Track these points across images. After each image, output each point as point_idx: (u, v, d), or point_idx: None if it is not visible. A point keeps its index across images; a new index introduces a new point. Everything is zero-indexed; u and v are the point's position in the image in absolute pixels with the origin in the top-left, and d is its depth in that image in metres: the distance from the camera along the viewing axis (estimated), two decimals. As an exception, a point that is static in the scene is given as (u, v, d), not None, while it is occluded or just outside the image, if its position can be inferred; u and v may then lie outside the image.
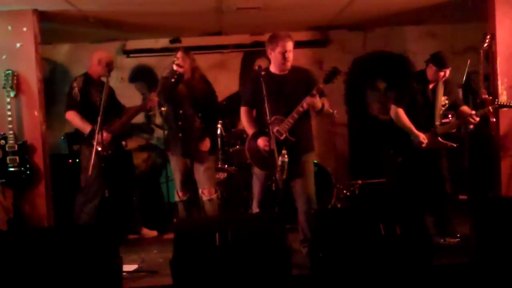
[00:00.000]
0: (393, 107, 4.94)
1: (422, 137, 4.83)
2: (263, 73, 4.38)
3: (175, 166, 5.09)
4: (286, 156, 4.34)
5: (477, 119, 4.82)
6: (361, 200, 6.28)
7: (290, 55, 4.45)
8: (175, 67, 4.81)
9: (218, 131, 6.08)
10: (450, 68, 4.80)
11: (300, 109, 4.35)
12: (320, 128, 7.19)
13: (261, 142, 4.44)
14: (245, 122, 4.65)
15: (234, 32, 7.04)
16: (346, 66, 7.33)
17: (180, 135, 4.96)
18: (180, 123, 4.97)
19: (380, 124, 6.63)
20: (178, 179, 5.10)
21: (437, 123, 4.88)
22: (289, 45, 4.44)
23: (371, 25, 7.12)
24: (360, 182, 6.33)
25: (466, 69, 5.60)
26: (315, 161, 6.07)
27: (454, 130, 5.03)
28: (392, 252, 3.53)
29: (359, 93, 7.40)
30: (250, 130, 4.60)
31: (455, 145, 4.92)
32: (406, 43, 7.22)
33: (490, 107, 4.90)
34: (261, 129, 4.51)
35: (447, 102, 4.90)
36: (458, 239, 4.78)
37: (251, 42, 7.18)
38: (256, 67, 4.46)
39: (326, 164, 6.16)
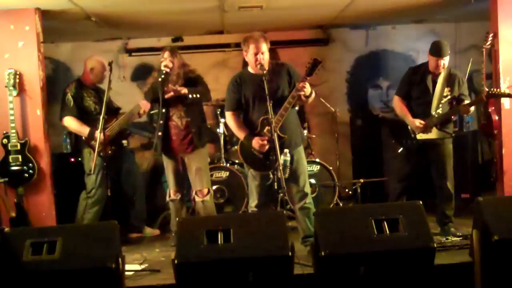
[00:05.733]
0: (394, 96, 5.19)
1: (418, 121, 4.92)
2: (264, 72, 4.37)
3: (167, 165, 5.06)
4: (288, 154, 4.35)
5: (471, 108, 4.85)
6: (363, 199, 6.27)
7: (265, 56, 4.43)
8: (162, 67, 4.81)
9: (221, 130, 6.09)
10: (447, 57, 4.88)
11: (295, 94, 4.32)
12: (322, 127, 7.22)
13: (256, 143, 4.43)
14: (233, 126, 4.61)
15: (236, 31, 7.04)
16: (348, 64, 7.34)
17: (163, 134, 4.92)
18: (161, 121, 4.91)
19: (382, 122, 6.63)
20: (170, 178, 5.06)
21: (434, 112, 4.93)
22: (263, 46, 4.42)
23: (374, 23, 7.12)
24: (362, 180, 6.32)
25: (469, 68, 5.60)
26: (317, 160, 6.12)
27: (452, 118, 5.06)
28: (394, 251, 3.53)
29: (361, 92, 7.39)
30: (241, 134, 4.56)
31: (453, 134, 5.03)
32: (408, 42, 7.22)
33: (483, 96, 4.90)
34: (252, 131, 4.51)
35: (449, 93, 4.95)
36: (460, 238, 4.78)
37: (253, 40, 7.17)
38: (258, 66, 4.45)
39: (328, 163, 6.16)
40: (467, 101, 4.89)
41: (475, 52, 6.29)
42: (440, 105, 4.93)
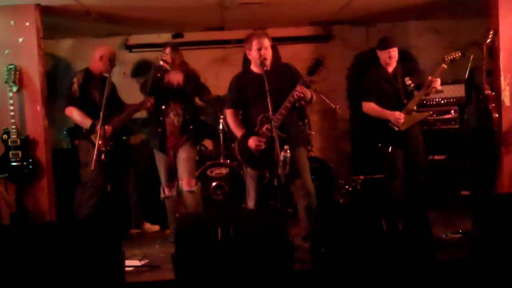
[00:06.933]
0: (363, 104, 5.14)
1: (398, 114, 4.95)
2: (265, 68, 4.37)
3: (159, 161, 5.09)
4: (288, 151, 4.35)
5: (438, 80, 4.87)
6: (363, 195, 6.27)
7: (267, 52, 4.45)
8: (161, 63, 4.85)
9: (220, 126, 6.09)
10: (395, 48, 5.02)
11: (291, 99, 4.34)
12: (322, 123, 7.22)
13: (252, 142, 4.44)
14: (232, 124, 4.63)
15: (236, 27, 7.02)
16: (348, 61, 7.32)
17: (159, 130, 4.96)
18: (161, 118, 4.96)
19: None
20: (162, 175, 5.10)
21: (405, 101, 4.98)
22: (265, 42, 4.46)
23: (374, 20, 7.10)
24: (362, 177, 6.32)
25: (469, 65, 5.60)
26: (317, 156, 6.12)
27: (425, 96, 5.11)
28: (394, 248, 3.53)
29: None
30: (238, 132, 4.58)
31: (431, 112, 5.31)
32: (409, 39, 7.20)
33: (444, 65, 4.92)
34: (250, 129, 4.51)
35: (411, 81, 5.01)
36: (460, 235, 4.79)
37: (253, 37, 7.16)
38: (259, 62, 4.45)
39: (328, 159, 6.17)
40: (430, 77, 4.92)
41: (475, 49, 6.28)
42: (408, 94, 5.00)
